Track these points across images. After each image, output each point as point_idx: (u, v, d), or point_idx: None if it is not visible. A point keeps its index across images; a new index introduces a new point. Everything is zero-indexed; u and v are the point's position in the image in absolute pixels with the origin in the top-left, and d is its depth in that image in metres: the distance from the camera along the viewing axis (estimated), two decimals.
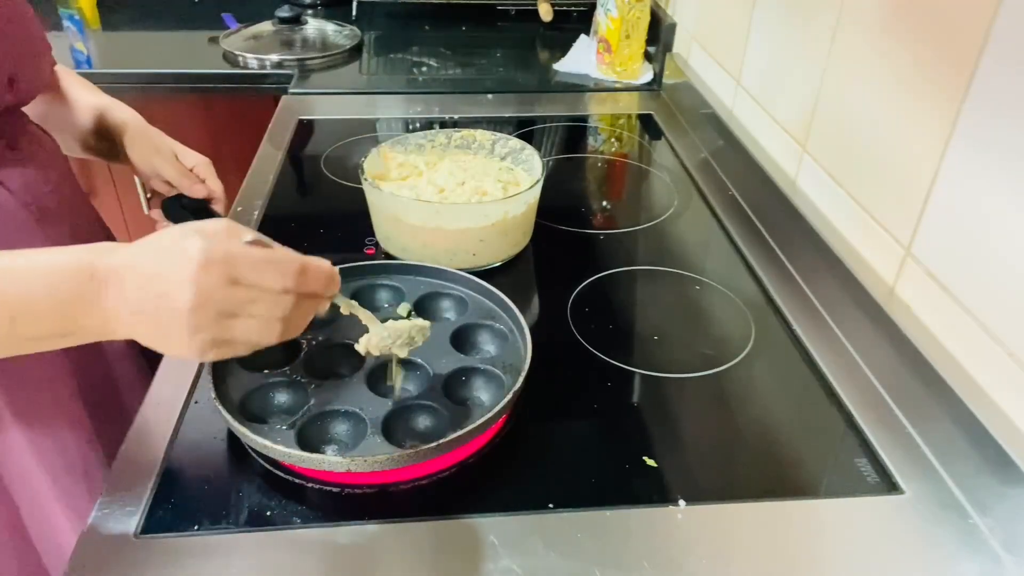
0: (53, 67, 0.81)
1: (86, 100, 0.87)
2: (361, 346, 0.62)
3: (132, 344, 0.84)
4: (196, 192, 0.87)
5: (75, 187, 0.84)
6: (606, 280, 0.89)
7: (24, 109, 0.76)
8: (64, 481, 0.74)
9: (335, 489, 0.60)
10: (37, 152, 0.76)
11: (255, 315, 0.49)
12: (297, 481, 0.61)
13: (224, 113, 1.46)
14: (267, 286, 0.49)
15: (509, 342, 0.71)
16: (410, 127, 1.27)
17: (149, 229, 0.86)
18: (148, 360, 0.87)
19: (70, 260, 0.50)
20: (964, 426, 0.61)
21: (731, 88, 1.15)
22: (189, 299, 0.47)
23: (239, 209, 0.99)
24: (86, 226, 0.83)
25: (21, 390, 0.70)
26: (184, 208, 0.83)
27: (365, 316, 0.61)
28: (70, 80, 0.87)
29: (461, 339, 0.72)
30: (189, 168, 0.89)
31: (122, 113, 0.88)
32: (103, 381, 0.81)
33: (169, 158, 0.87)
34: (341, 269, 0.78)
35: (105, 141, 0.88)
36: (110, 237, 0.90)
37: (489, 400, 0.67)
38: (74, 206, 0.81)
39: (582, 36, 1.55)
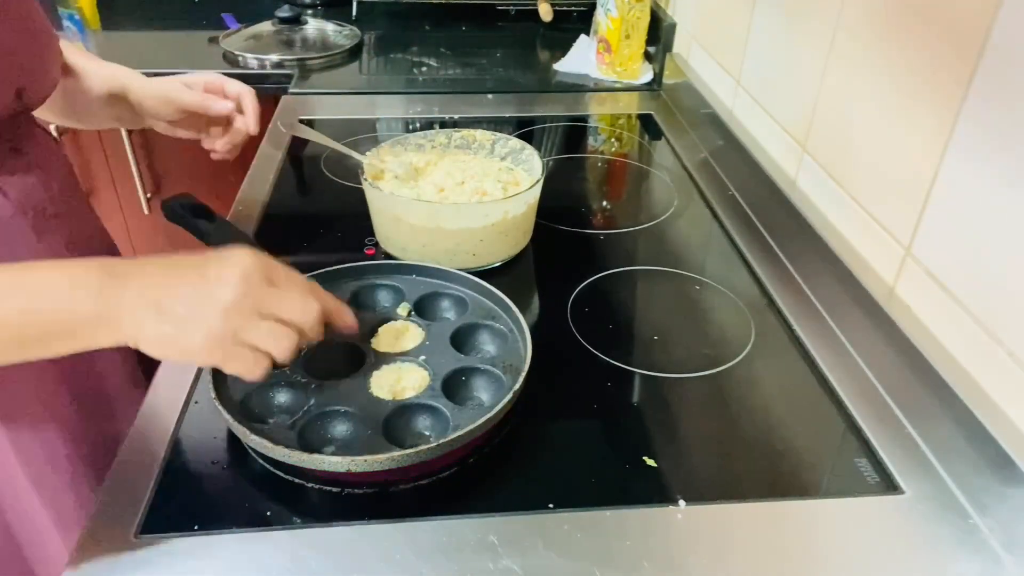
0: (60, 66, 0.81)
1: (94, 72, 0.86)
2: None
3: (126, 357, 0.84)
4: (219, 108, 0.88)
5: (77, 192, 0.83)
6: (606, 280, 0.89)
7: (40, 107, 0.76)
8: (53, 493, 0.74)
9: (335, 489, 0.60)
10: (40, 156, 0.76)
11: (281, 316, 0.55)
12: (297, 481, 0.61)
13: None
14: (298, 290, 0.57)
15: (509, 342, 0.71)
16: (410, 127, 1.27)
17: (149, 229, 0.86)
18: (144, 371, 0.86)
19: (85, 264, 0.52)
20: (964, 426, 0.61)
21: (731, 88, 1.15)
22: (234, 285, 0.52)
23: (239, 209, 0.99)
24: (86, 234, 0.83)
25: (9, 400, 0.70)
26: (184, 208, 0.83)
27: None
28: (75, 56, 0.86)
29: (461, 339, 0.72)
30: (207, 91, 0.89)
31: (124, 79, 0.87)
32: (94, 393, 0.80)
33: (177, 94, 0.87)
34: (341, 269, 0.79)
35: (122, 109, 0.88)
36: (110, 246, 0.90)
37: (489, 400, 0.67)
38: (74, 213, 0.81)
39: (582, 36, 1.55)
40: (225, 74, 1.43)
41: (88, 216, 0.87)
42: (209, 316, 0.52)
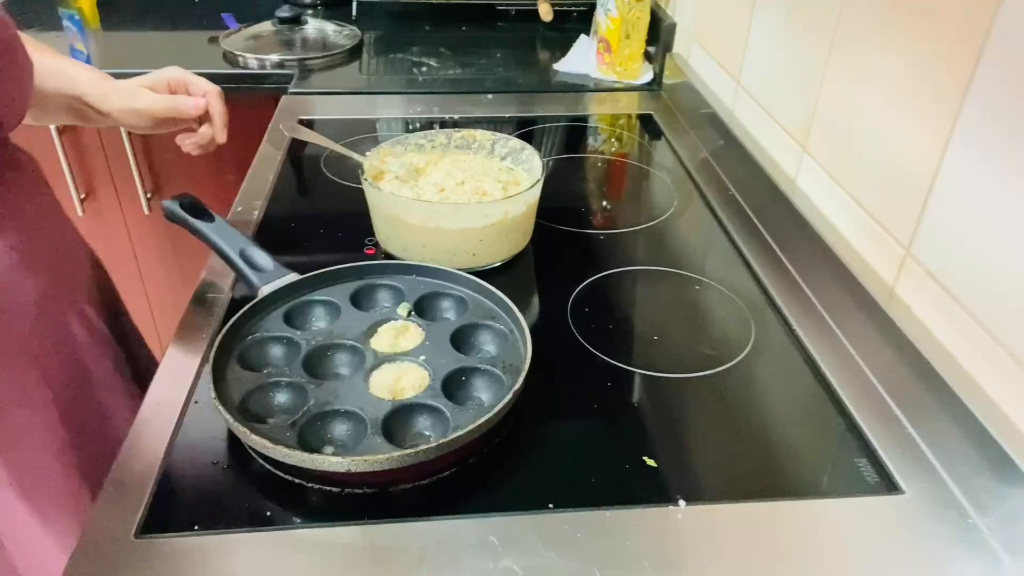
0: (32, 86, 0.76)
1: (48, 67, 0.80)
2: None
3: (121, 373, 0.83)
4: (191, 109, 0.84)
5: (55, 211, 0.81)
6: (606, 280, 0.89)
7: None
8: (46, 509, 0.73)
9: (335, 489, 0.60)
10: (17, 179, 0.74)
11: None
12: (297, 481, 0.61)
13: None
14: None
15: (509, 342, 0.71)
16: (410, 127, 1.27)
17: (149, 229, 0.86)
18: (137, 382, 0.86)
19: None
20: (964, 426, 0.61)
21: (731, 88, 1.15)
22: None
23: (239, 209, 0.99)
24: (67, 252, 0.81)
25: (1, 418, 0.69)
26: (184, 208, 0.83)
27: None
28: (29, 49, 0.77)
29: (461, 339, 0.72)
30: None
31: (80, 86, 0.82)
32: (88, 410, 0.79)
33: (148, 105, 0.84)
34: (341, 269, 0.79)
35: (78, 112, 0.85)
36: (93, 258, 0.89)
37: (489, 400, 0.67)
38: (53, 234, 0.79)
39: (582, 36, 1.55)
40: (225, 74, 1.45)
41: (70, 236, 0.85)
42: None
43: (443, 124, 1.26)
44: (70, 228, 0.85)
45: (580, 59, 1.49)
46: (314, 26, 1.63)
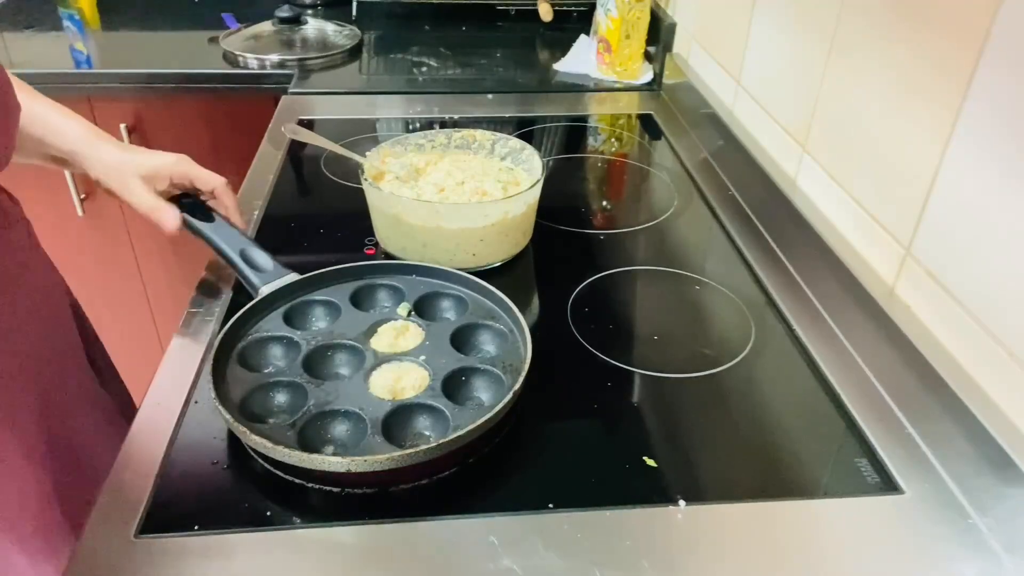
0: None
1: (38, 114, 0.76)
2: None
3: (99, 398, 0.82)
4: (167, 229, 0.79)
5: (38, 256, 0.80)
6: (606, 280, 0.89)
7: None
8: (24, 535, 0.71)
9: (335, 489, 0.60)
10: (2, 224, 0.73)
11: None
12: (297, 481, 0.61)
13: (224, 113, 1.46)
14: None
15: (509, 342, 0.71)
16: (410, 127, 1.27)
17: (150, 229, 0.86)
18: (123, 413, 0.85)
19: None
20: (964, 426, 0.61)
21: (731, 88, 1.15)
22: None
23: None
24: (43, 294, 0.79)
25: None
26: (184, 208, 0.83)
27: None
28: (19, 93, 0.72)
29: (461, 339, 0.72)
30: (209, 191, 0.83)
31: (70, 142, 0.77)
32: (67, 435, 0.77)
33: (135, 196, 0.79)
34: (341, 269, 0.79)
35: (58, 162, 0.81)
36: (74, 304, 0.88)
37: (489, 400, 0.67)
38: (28, 276, 0.76)
39: (582, 36, 1.55)
40: (225, 74, 1.45)
41: (48, 277, 0.82)
42: None
43: (443, 124, 1.26)
44: (52, 271, 0.83)
45: (580, 59, 1.49)
46: (314, 26, 1.63)
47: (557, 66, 1.50)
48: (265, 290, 0.75)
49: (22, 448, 0.71)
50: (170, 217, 0.80)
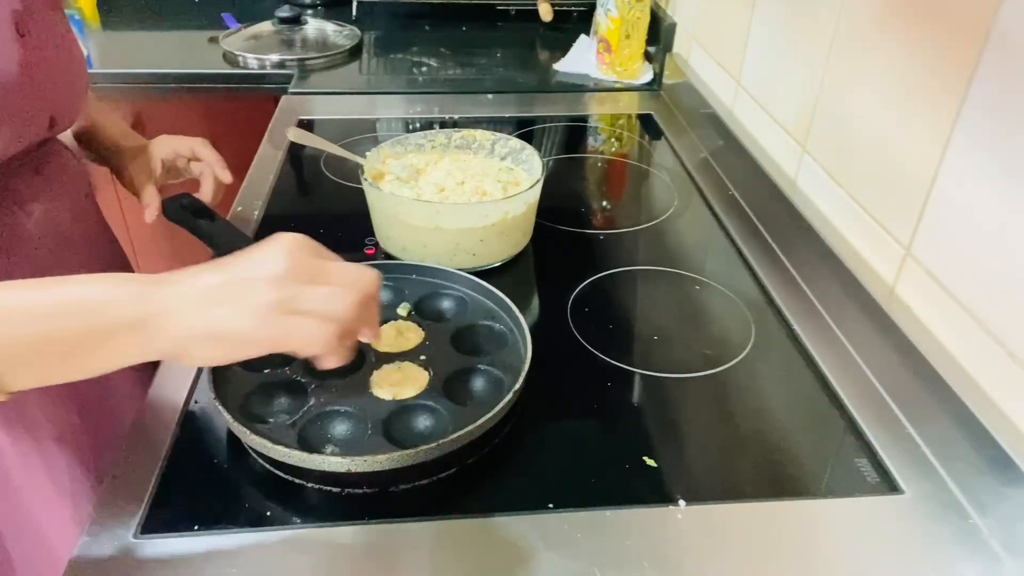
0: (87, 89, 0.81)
1: (100, 123, 0.89)
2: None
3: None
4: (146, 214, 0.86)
5: (96, 214, 0.83)
6: (606, 280, 0.89)
7: None
8: (50, 498, 0.73)
9: (335, 489, 0.60)
10: (61, 177, 0.75)
11: (331, 284, 0.51)
12: (297, 481, 0.61)
13: (224, 113, 1.46)
14: (345, 271, 0.52)
15: (509, 342, 0.71)
16: (410, 127, 1.27)
17: (149, 229, 0.86)
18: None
19: (118, 275, 0.51)
20: (964, 426, 0.61)
21: (731, 88, 1.15)
22: (281, 258, 0.49)
23: (239, 209, 0.99)
24: (103, 258, 0.83)
25: (10, 407, 0.69)
26: (184, 208, 0.83)
27: None
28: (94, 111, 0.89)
29: (461, 339, 0.72)
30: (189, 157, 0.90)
31: (116, 138, 0.89)
32: (96, 396, 0.78)
33: (142, 193, 0.87)
34: None
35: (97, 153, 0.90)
36: (127, 268, 0.91)
37: (489, 400, 0.67)
38: (91, 236, 0.81)
39: (582, 36, 1.55)
40: (225, 74, 1.45)
41: (108, 241, 0.87)
42: (258, 290, 0.48)
43: (443, 124, 1.26)
44: (110, 236, 0.89)
45: (580, 59, 1.49)
46: (314, 26, 1.63)
47: (557, 66, 1.50)
48: None
49: (51, 413, 0.73)
50: (146, 215, 0.85)
